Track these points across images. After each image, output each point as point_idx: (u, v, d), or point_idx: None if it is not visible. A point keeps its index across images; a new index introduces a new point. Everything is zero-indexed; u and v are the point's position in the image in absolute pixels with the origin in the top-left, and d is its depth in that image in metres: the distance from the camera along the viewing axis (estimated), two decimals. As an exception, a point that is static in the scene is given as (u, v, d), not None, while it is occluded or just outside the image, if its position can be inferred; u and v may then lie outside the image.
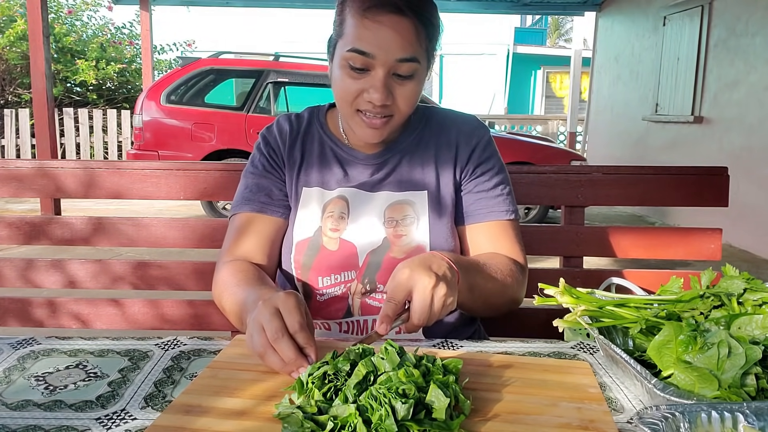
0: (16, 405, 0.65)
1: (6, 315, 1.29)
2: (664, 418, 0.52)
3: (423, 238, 0.96)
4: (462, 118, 1.05)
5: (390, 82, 0.88)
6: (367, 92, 0.88)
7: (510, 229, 1.00)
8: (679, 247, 1.31)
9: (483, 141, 1.02)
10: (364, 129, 0.92)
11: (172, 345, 0.81)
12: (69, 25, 9.62)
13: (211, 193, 1.28)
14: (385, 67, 0.86)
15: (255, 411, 0.61)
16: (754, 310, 0.73)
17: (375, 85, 0.87)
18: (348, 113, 0.92)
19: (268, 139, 1.03)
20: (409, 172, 1.00)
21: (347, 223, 0.97)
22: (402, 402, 0.55)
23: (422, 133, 1.02)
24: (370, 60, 0.86)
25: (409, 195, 0.98)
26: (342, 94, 0.90)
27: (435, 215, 0.98)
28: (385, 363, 0.61)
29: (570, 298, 0.76)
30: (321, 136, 1.03)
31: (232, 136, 5.44)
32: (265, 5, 9.80)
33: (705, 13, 5.46)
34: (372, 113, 0.90)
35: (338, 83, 0.90)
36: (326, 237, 0.97)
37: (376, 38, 0.85)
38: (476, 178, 1.00)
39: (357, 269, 0.96)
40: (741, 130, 4.93)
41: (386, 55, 0.85)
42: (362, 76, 0.88)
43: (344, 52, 0.87)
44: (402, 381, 0.58)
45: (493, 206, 0.99)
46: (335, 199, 0.98)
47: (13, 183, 1.27)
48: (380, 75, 0.87)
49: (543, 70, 15.77)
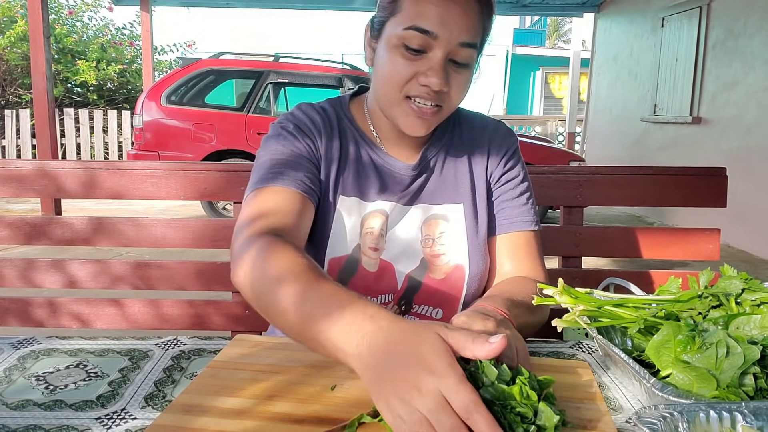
0: (16, 405, 0.65)
1: (6, 315, 1.29)
2: (662, 418, 0.53)
3: (461, 258, 0.90)
4: (492, 123, 0.99)
5: (446, 67, 0.80)
6: (424, 75, 0.79)
7: (533, 241, 0.94)
8: (677, 248, 1.31)
9: (512, 148, 0.96)
10: (411, 118, 0.82)
11: (172, 345, 0.81)
12: (70, 25, 9.62)
13: (211, 193, 1.28)
14: (445, 50, 0.78)
15: (255, 411, 0.61)
16: (753, 310, 0.73)
17: (433, 68, 0.79)
18: (395, 99, 0.82)
19: (296, 122, 0.89)
20: (444, 183, 0.92)
21: (386, 241, 0.89)
22: (524, 429, 0.52)
23: (453, 137, 0.95)
24: (431, 40, 0.78)
25: (445, 209, 0.91)
26: (392, 76, 0.81)
27: (472, 231, 0.91)
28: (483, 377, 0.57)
29: (569, 298, 0.76)
30: (355, 136, 0.91)
31: (232, 137, 5.44)
32: (265, 6, 9.81)
33: (703, 14, 5.47)
34: (424, 100, 0.81)
35: (387, 65, 0.81)
36: (365, 257, 0.88)
37: (441, 16, 0.77)
38: (502, 186, 0.95)
39: (395, 292, 0.89)
40: (739, 130, 4.94)
41: (450, 35, 0.78)
42: (418, 58, 0.79)
43: (400, 30, 0.79)
44: (518, 401, 0.54)
45: (517, 216, 0.93)
46: (374, 213, 0.89)
47: (14, 183, 1.27)
48: (439, 57, 0.79)
49: (542, 71, 15.78)
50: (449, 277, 0.90)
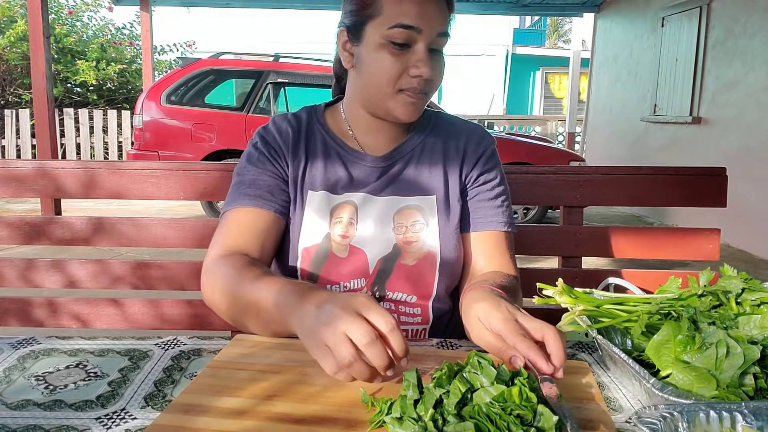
0: (16, 404, 0.65)
1: (6, 315, 1.29)
2: (662, 418, 0.53)
3: (433, 244, 0.95)
4: (470, 125, 1.05)
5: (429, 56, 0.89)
6: (414, 67, 0.87)
7: (504, 241, 0.98)
8: (677, 248, 1.31)
9: (489, 150, 1.02)
10: (406, 106, 0.90)
11: (172, 345, 0.81)
12: (69, 25, 9.62)
13: (211, 193, 1.28)
14: (427, 41, 0.87)
15: (255, 411, 0.61)
16: (752, 310, 0.73)
17: (422, 59, 0.87)
18: (388, 94, 0.90)
19: (266, 138, 0.99)
20: (417, 176, 0.98)
21: (356, 229, 0.94)
22: (524, 431, 0.52)
23: (429, 137, 1.01)
24: (415, 35, 0.86)
25: (418, 200, 0.97)
26: (384, 73, 0.88)
27: (444, 220, 0.96)
28: (481, 377, 0.58)
29: (568, 298, 0.76)
30: (323, 136, 0.99)
31: (232, 137, 5.44)
32: (265, 6, 9.80)
33: (703, 14, 5.47)
34: (415, 90, 0.89)
35: (377, 65, 0.88)
36: (335, 243, 0.94)
37: (421, 12, 0.86)
38: (478, 186, 0.99)
39: (367, 277, 0.94)
40: (739, 130, 4.94)
41: (430, 28, 0.87)
42: (404, 53, 0.87)
43: (384, 30, 0.87)
44: (517, 403, 0.55)
45: (492, 216, 0.98)
46: (343, 204, 0.95)
47: (14, 183, 1.27)
48: (423, 49, 0.87)
49: (542, 71, 15.78)
50: (420, 262, 0.95)
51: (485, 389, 0.56)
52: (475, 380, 0.58)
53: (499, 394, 0.55)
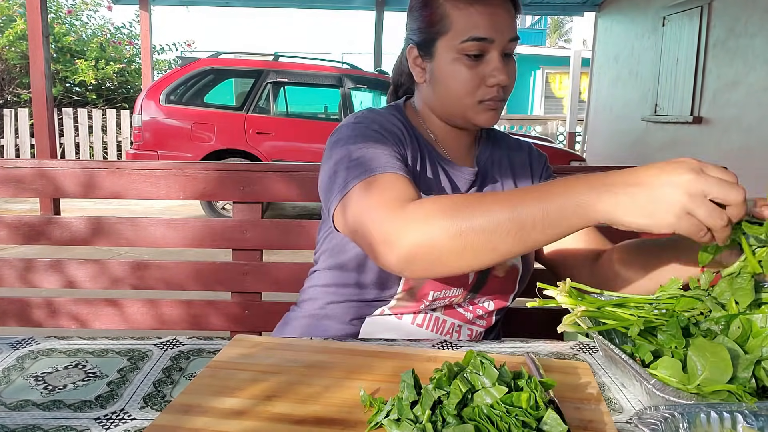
0: (15, 405, 0.64)
1: (5, 315, 1.29)
2: (663, 419, 0.52)
3: (517, 260, 0.98)
4: (525, 143, 1.09)
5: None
6: (491, 76, 0.88)
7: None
8: (678, 248, 1.30)
9: (547, 163, 1.08)
10: (486, 114, 0.91)
11: (171, 345, 0.81)
12: (68, 24, 9.62)
13: (211, 193, 1.28)
14: (500, 49, 0.89)
15: (254, 411, 0.61)
16: (753, 310, 0.73)
17: (497, 67, 0.88)
18: (468, 105, 0.91)
19: (381, 122, 0.90)
20: (496, 188, 1.00)
21: None
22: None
23: (494, 149, 1.04)
24: (487, 45, 0.88)
25: None
26: (461, 87, 0.89)
27: None
28: (483, 378, 0.57)
29: (569, 299, 0.76)
30: (424, 145, 0.96)
31: (231, 136, 5.44)
32: (265, 5, 9.81)
33: (704, 13, 5.47)
34: (495, 99, 0.90)
35: (454, 79, 0.90)
36: None
37: (492, 22, 0.87)
38: None
39: (465, 286, 0.95)
40: (740, 130, 4.94)
41: (502, 35, 0.88)
42: (478, 63, 0.89)
43: (457, 44, 0.88)
44: (523, 409, 0.54)
45: None
46: None
47: (13, 183, 1.27)
48: (497, 57, 0.88)
49: (542, 71, 15.78)
50: (508, 275, 0.98)
51: (486, 390, 0.56)
52: (476, 381, 0.58)
53: (506, 396, 0.55)
